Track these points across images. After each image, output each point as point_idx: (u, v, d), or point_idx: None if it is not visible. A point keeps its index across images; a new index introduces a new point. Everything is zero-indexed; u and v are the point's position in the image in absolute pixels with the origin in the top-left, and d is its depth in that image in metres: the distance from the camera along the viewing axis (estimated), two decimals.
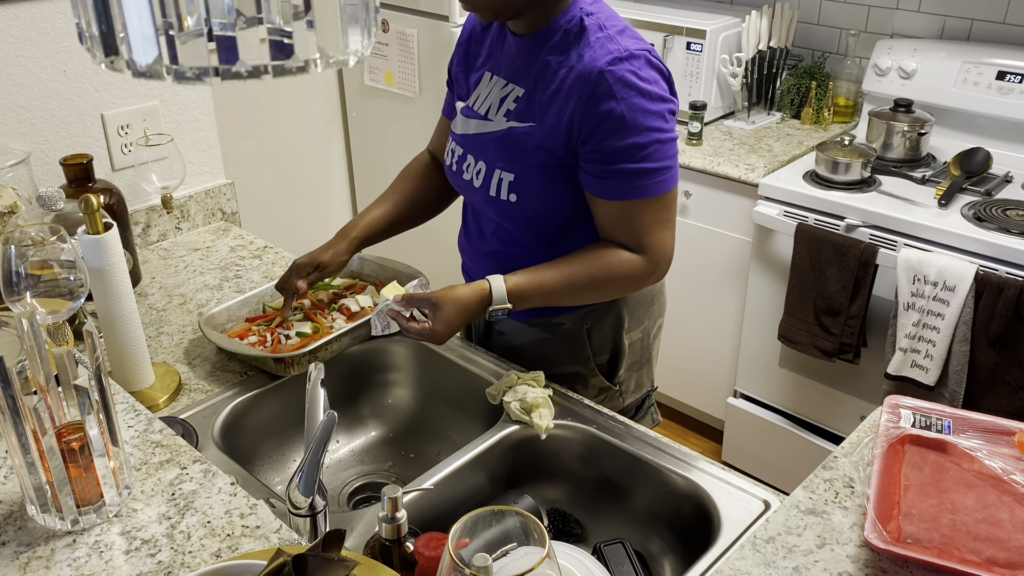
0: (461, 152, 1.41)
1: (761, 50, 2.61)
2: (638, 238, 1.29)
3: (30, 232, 1.09)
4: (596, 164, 1.25)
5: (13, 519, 0.96)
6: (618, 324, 1.44)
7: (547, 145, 1.27)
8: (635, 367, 1.51)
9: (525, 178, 1.31)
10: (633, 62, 1.21)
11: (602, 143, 1.23)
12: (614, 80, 1.20)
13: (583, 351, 1.44)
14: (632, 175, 1.24)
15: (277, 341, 1.42)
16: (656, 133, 1.23)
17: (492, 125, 1.34)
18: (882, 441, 1.06)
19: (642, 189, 1.25)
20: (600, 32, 1.24)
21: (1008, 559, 0.90)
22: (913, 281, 2.02)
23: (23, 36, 1.59)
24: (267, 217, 3.04)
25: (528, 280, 1.31)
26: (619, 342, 1.46)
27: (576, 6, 1.27)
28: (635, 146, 1.22)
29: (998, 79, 2.30)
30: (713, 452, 2.73)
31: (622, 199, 1.27)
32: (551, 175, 1.30)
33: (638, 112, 1.21)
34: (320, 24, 0.58)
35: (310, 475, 0.95)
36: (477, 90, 1.39)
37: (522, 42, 1.31)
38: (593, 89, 1.21)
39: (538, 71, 1.28)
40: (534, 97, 1.28)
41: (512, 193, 1.32)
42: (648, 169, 1.24)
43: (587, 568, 1.06)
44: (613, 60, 1.21)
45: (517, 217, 1.35)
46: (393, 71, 2.82)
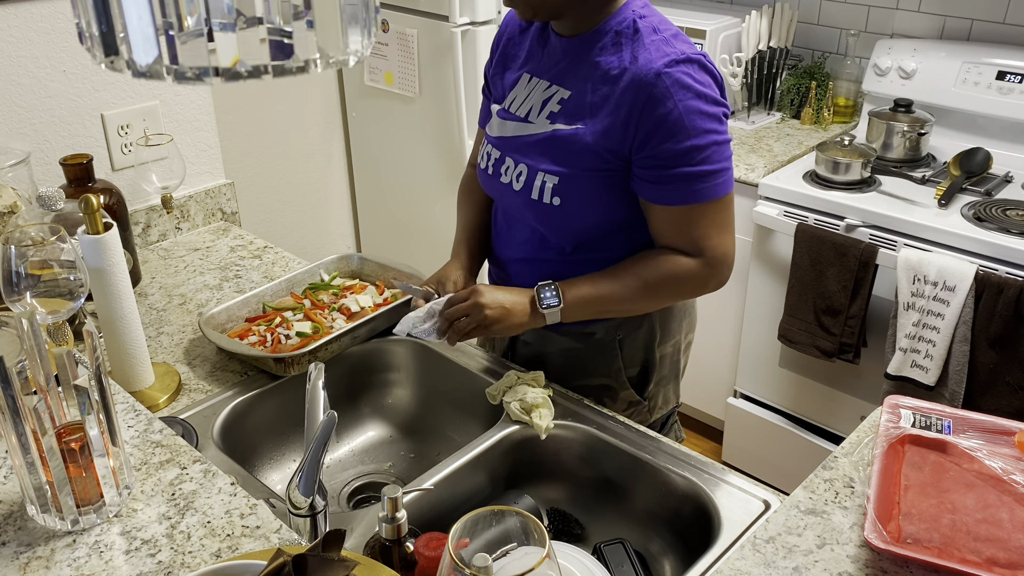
0: (499, 155, 1.37)
1: (761, 50, 2.61)
2: (697, 243, 1.27)
3: (30, 232, 1.09)
4: (653, 169, 1.23)
5: (13, 519, 0.96)
6: (651, 336, 1.42)
7: (596, 148, 1.24)
8: (664, 382, 1.48)
9: (571, 181, 1.28)
10: (689, 65, 1.20)
11: (660, 147, 1.21)
12: (671, 82, 1.18)
13: (615, 363, 1.41)
14: (690, 179, 1.22)
15: (277, 341, 1.42)
16: (713, 135, 1.21)
17: (533, 127, 1.31)
18: (882, 441, 1.06)
19: (701, 193, 1.23)
20: (655, 35, 1.23)
21: (1008, 559, 0.90)
22: (913, 281, 2.02)
23: (23, 36, 1.59)
24: (267, 217, 3.04)
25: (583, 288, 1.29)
26: (651, 355, 1.43)
27: (628, 8, 1.26)
28: (693, 148, 1.21)
29: (998, 79, 2.30)
30: (713, 452, 2.73)
31: (681, 204, 1.24)
32: (597, 179, 1.27)
33: (695, 114, 1.20)
34: (320, 24, 0.58)
35: (310, 475, 0.95)
36: (514, 92, 1.36)
37: (568, 43, 1.29)
38: (650, 91, 1.19)
39: (586, 72, 1.26)
40: (583, 99, 1.26)
41: (556, 196, 1.29)
42: (707, 172, 1.22)
43: (587, 568, 1.06)
44: (670, 63, 1.19)
45: (557, 221, 1.32)
46: (393, 71, 2.82)
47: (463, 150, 2.64)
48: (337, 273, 1.62)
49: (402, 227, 3.06)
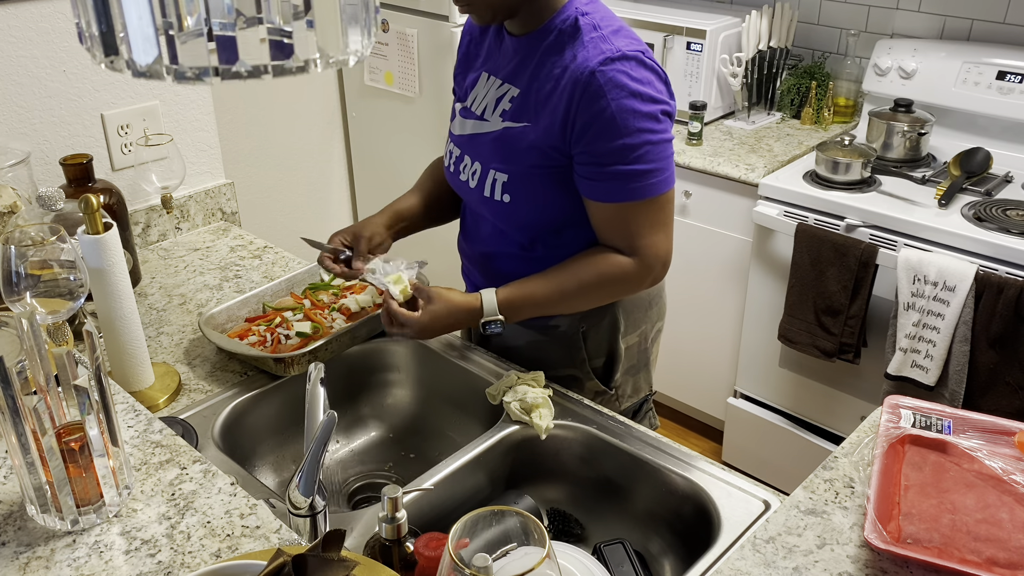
0: (459, 153, 1.41)
1: (761, 50, 2.60)
2: (631, 240, 1.29)
3: (30, 232, 1.09)
4: (588, 166, 1.25)
5: (13, 519, 0.96)
6: (614, 328, 1.44)
7: (541, 145, 1.27)
8: (632, 371, 1.50)
9: (518, 179, 1.31)
10: (625, 63, 1.21)
11: (593, 144, 1.23)
12: (605, 80, 1.20)
13: (578, 354, 1.44)
14: (624, 177, 1.24)
15: (277, 341, 1.42)
16: (647, 134, 1.22)
17: (488, 125, 1.34)
18: (882, 441, 1.06)
19: (634, 191, 1.25)
20: (594, 32, 1.24)
21: (1008, 559, 0.90)
22: (913, 281, 2.02)
23: (23, 36, 1.59)
24: (267, 217, 3.04)
25: (518, 291, 1.32)
26: (615, 346, 1.45)
27: (571, 5, 1.26)
28: (626, 147, 1.22)
29: (998, 79, 2.30)
30: (713, 452, 2.73)
31: (615, 201, 1.26)
32: (544, 176, 1.29)
33: (628, 113, 1.21)
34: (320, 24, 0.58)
35: (310, 475, 0.95)
36: (474, 91, 1.39)
37: (518, 42, 1.31)
38: (584, 89, 1.20)
39: (533, 71, 1.28)
40: (528, 97, 1.28)
41: (505, 193, 1.32)
42: (640, 171, 1.23)
43: (587, 568, 1.06)
44: (605, 60, 1.20)
45: (511, 218, 1.35)
46: (393, 71, 2.82)
47: None
48: None
49: None
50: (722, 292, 2.53)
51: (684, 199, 2.49)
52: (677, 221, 2.52)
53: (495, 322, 1.32)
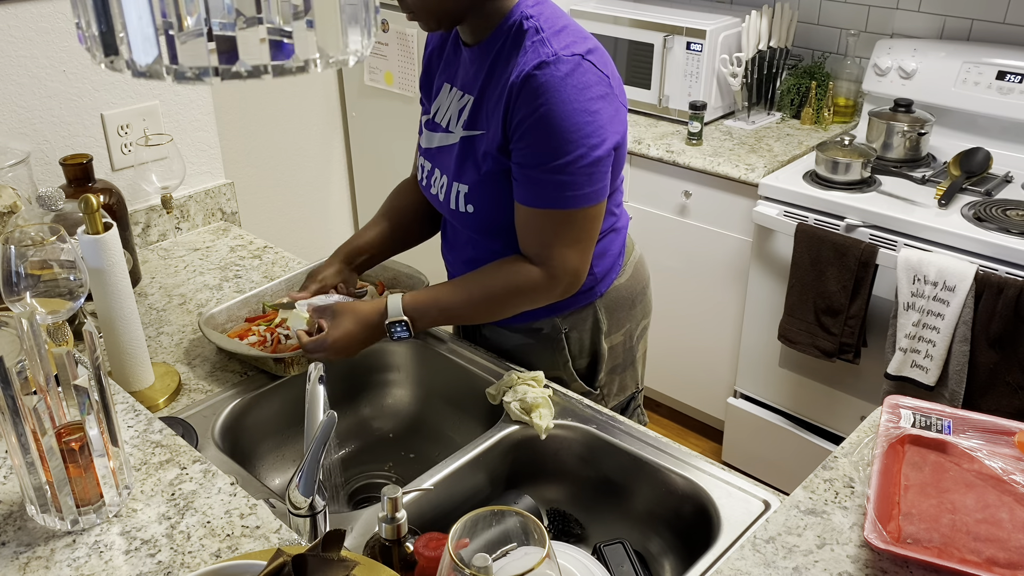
0: (429, 167, 1.40)
1: (761, 50, 2.60)
2: (541, 249, 1.27)
3: (30, 232, 1.09)
4: (516, 166, 1.24)
5: (13, 519, 0.96)
6: (596, 328, 1.43)
7: (492, 151, 1.26)
8: (617, 370, 1.50)
9: (478, 188, 1.30)
10: (560, 66, 1.17)
11: (520, 144, 1.21)
12: (537, 85, 1.17)
13: (562, 355, 1.44)
14: (544, 184, 1.21)
15: (277, 341, 1.42)
16: (574, 147, 1.19)
17: (452, 137, 1.34)
18: (882, 441, 1.06)
19: (552, 199, 1.22)
20: (536, 35, 1.21)
21: (1008, 559, 0.90)
22: (913, 281, 2.02)
23: (23, 36, 1.59)
24: (267, 217, 3.04)
25: (425, 296, 1.32)
26: (598, 346, 1.45)
27: (517, 8, 1.24)
28: (550, 154, 1.19)
29: (998, 79, 2.30)
30: (713, 452, 2.73)
31: (531, 205, 1.24)
32: (501, 182, 1.28)
33: (557, 120, 1.17)
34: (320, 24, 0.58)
35: (310, 475, 0.95)
36: (437, 101, 1.39)
37: (471, 52, 1.30)
38: (519, 92, 1.19)
39: (484, 78, 1.27)
40: (481, 105, 1.28)
41: (469, 204, 1.32)
42: (561, 181, 1.21)
43: (587, 568, 1.06)
44: (540, 64, 1.17)
45: (478, 227, 1.35)
46: (393, 71, 2.82)
47: None
48: None
49: None
50: (722, 292, 2.53)
51: (684, 199, 2.49)
52: (678, 221, 2.52)
53: (400, 323, 1.30)
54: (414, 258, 1.57)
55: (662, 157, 2.47)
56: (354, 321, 1.30)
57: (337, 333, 1.29)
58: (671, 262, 2.59)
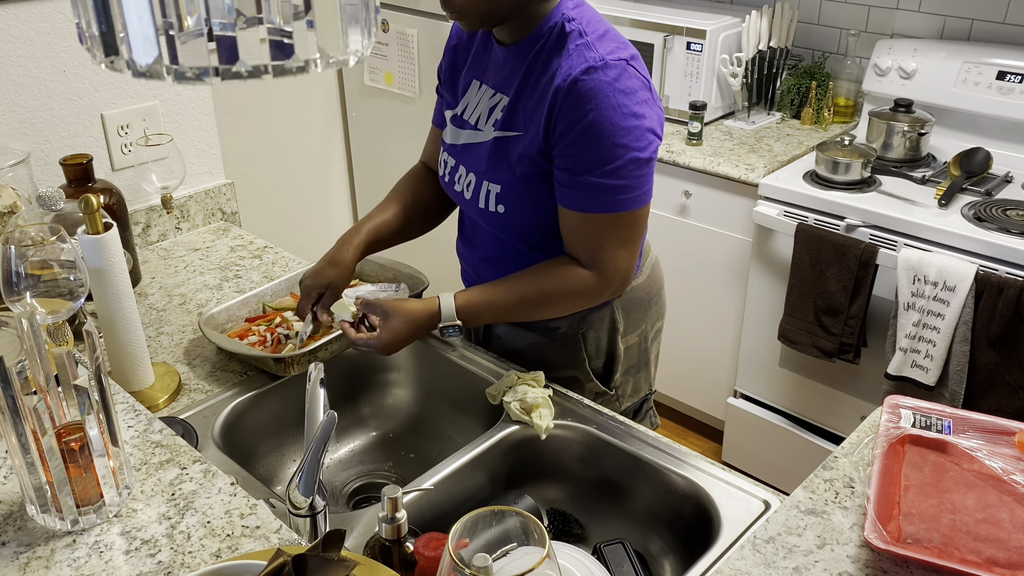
0: (453, 163, 1.40)
1: (761, 50, 2.60)
2: (592, 253, 1.28)
3: (30, 232, 1.09)
4: (562, 171, 1.24)
5: (13, 519, 0.96)
6: (613, 328, 1.43)
7: (530, 153, 1.26)
8: (632, 371, 1.50)
9: (511, 189, 1.30)
10: (608, 72, 1.18)
11: (568, 151, 1.21)
12: (586, 90, 1.17)
13: (578, 355, 1.43)
14: (595, 188, 1.22)
15: (277, 341, 1.42)
16: (622, 150, 1.20)
17: (482, 135, 1.33)
18: (882, 441, 1.06)
19: (604, 204, 1.23)
20: (580, 39, 1.21)
21: (1008, 559, 0.90)
22: (913, 281, 2.02)
23: (23, 36, 1.59)
24: (267, 217, 3.04)
25: (478, 297, 1.32)
26: (614, 346, 1.44)
27: (558, 11, 1.24)
28: (600, 159, 1.20)
29: (998, 79, 2.30)
30: (713, 452, 2.73)
31: (582, 211, 1.25)
32: (536, 184, 1.28)
33: (606, 124, 1.18)
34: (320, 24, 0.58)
35: (310, 475, 0.95)
36: (466, 98, 1.38)
37: (507, 51, 1.29)
38: (565, 97, 1.19)
39: (522, 80, 1.27)
40: (518, 106, 1.27)
41: (500, 204, 1.32)
42: (612, 185, 1.22)
43: (587, 568, 1.06)
44: (587, 69, 1.18)
45: (507, 227, 1.35)
46: (393, 71, 2.82)
47: None
48: None
49: None
50: (722, 292, 2.53)
51: (684, 199, 2.49)
52: (678, 221, 2.52)
53: (453, 327, 1.31)
54: (415, 259, 1.57)
55: (662, 157, 2.47)
56: (405, 322, 1.29)
57: (388, 336, 1.29)
58: (671, 262, 2.59)
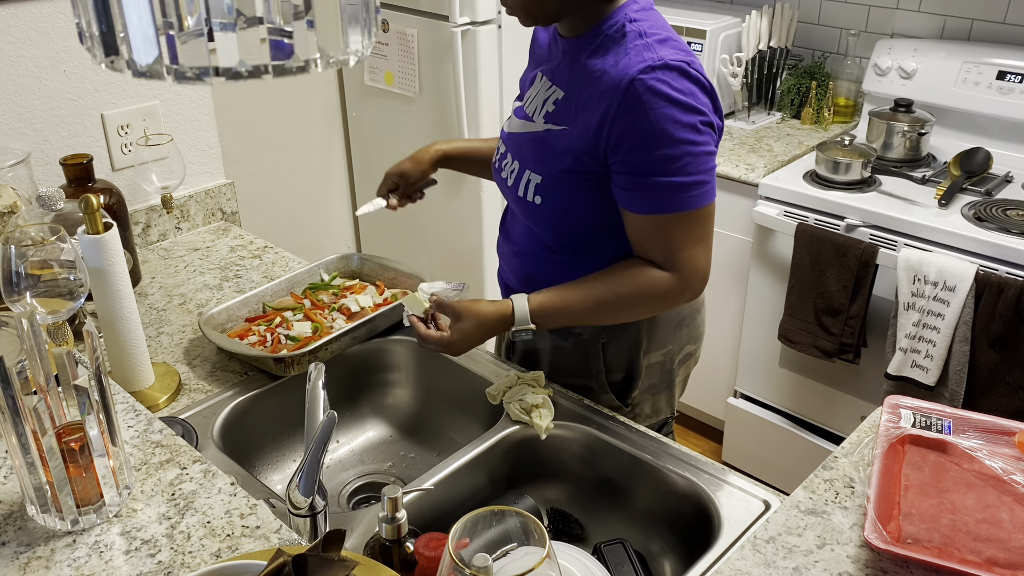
0: (503, 150, 1.40)
1: (761, 50, 2.60)
2: (669, 254, 1.25)
3: (30, 232, 1.09)
4: (626, 176, 1.22)
5: (13, 519, 0.96)
6: (636, 343, 1.40)
7: (575, 149, 1.24)
8: (652, 390, 1.46)
9: (551, 182, 1.29)
10: (667, 72, 1.17)
11: (631, 154, 1.19)
12: (644, 89, 1.16)
13: (596, 364, 1.41)
14: (663, 188, 1.20)
15: (277, 341, 1.42)
16: (687, 145, 1.18)
17: (533, 126, 1.32)
18: (882, 441, 1.06)
19: (674, 203, 1.21)
20: (639, 39, 1.21)
21: (1008, 559, 0.90)
22: (913, 281, 2.02)
23: (23, 36, 1.59)
24: (267, 217, 3.04)
25: (552, 300, 1.29)
26: (635, 362, 1.41)
27: (621, 11, 1.24)
28: (666, 158, 1.18)
29: (998, 79, 2.30)
30: (713, 452, 2.73)
31: (652, 213, 1.23)
32: (577, 181, 1.27)
33: (668, 123, 1.17)
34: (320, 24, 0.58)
35: (310, 475, 0.95)
36: (531, 90, 1.38)
37: (567, 44, 1.29)
38: (623, 97, 1.17)
39: (576, 74, 1.26)
40: (570, 100, 1.26)
41: (537, 195, 1.30)
42: (680, 183, 1.20)
43: (587, 568, 1.06)
44: (645, 68, 1.17)
45: (541, 220, 1.33)
46: (393, 71, 2.82)
47: None
48: (337, 273, 1.62)
49: (402, 227, 3.06)
50: (722, 292, 2.53)
51: None
52: None
53: (526, 331, 1.29)
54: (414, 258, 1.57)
55: None
56: (476, 325, 1.28)
57: (457, 336, 1.28)
58: None
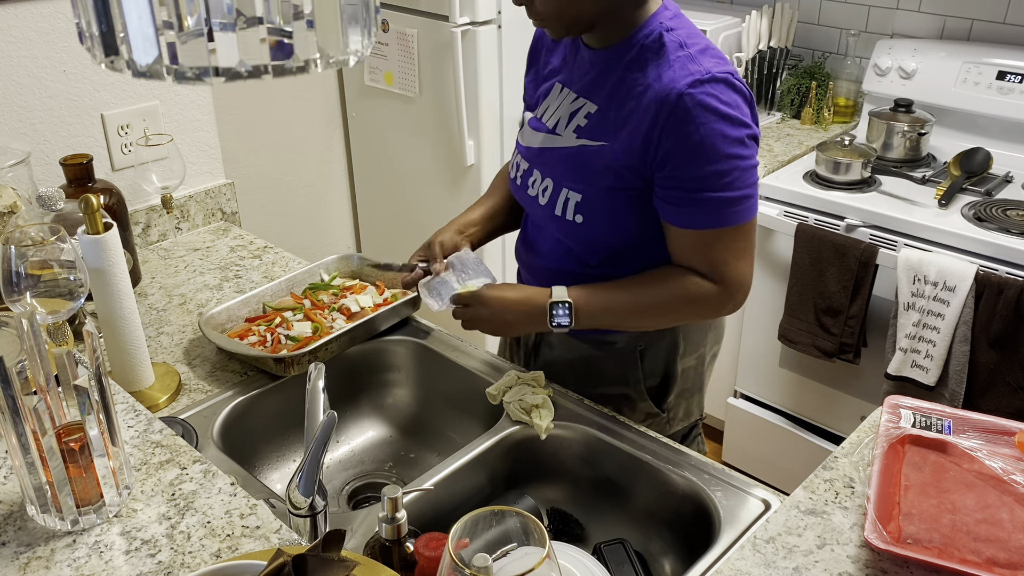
0: (527, 167, 1.35)
1: (761, 50, 2.60)
2: (715, 267, 1.24)
3: (30, 232, 1.09)
4: (673, 191, 1.20)
5: (13, 519, 0.96)
6: (673, 348, 1.39)
7: (618, 166, 1.22)
8: (686, 395, 1.46)
9: (593, 199, 1.26)
10: (715, 85, 1.15)
11: (680, 170, 1.18)
12: (693, 104, 1.14)
13: (634, 373, 1.39)
14: (712, 203, 1.19)
15: (277, 341, 1.42)
16: (736, 160, 1.17)
17: (561, 140, 1.29)
18: (882, 441, 1.06)
19: (721, 218, 1.20)
20: (681, 51, 1.18)
21: (1008, 559, 0.90)
22: (913, 281, 2.02)
23: (23, 36, 1.59)
24: (267, 217, 3.04)
25: (595, 297, 1.27)
26: (672, 367, 1.40)
27: (655, 20, 1.21)
28: (715, 173, 1.17)
29: (998, 79, 2.30)
30: (713, 452, 2.73)
31: (699, 228, 1.22)
32: (619, 198, 1.25)
33: (718, 138, 1.15)
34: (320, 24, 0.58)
35: (310, 475, 0.95)
36: (546, 102, 1.34)
37: (595, 55, 1.25)
38: (671, 112, 1.15)
39: (613, 87, 1.23)
40: (608, 114, 1.23)
41: (578, 214, 1.27)
42: (728, 198, 1.19)
43: (587, 568, 1.06)
44: (694, 83, 1.14)
45: (581, 238, 1.30)
46: (393, 71, 2.82)
47: (463, 150, 2.64)
48: (337, 273, 1.62)
49: (402, 227, 3.06)
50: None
51: None
52: None
53: (563, 304, 1.26)
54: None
55: None
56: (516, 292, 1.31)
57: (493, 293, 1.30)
58: None
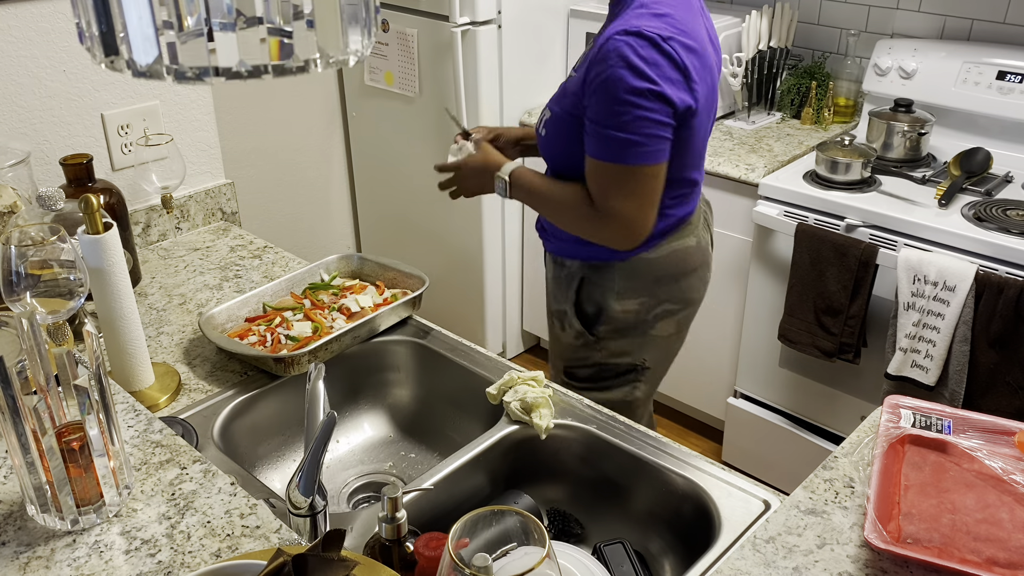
0: None
1: (761, 50, 2.60)
2: (599, 195, 1.42)
3: (30, 232, 1.09)
4: (587, 121, 1.40)
5: (13, 519, 0.96)
6: (608, 285, 1.55)
7: (575, 93, 1.42)
8: (624, 334, 1.60)
9: (559, 118, 1.48)
10: (637, 39, 1.31)
11: (590, 100, 1.37)
12: (612, 48, 1.32)
13: (571, 292, 1.60)
14: (605, 139, 1.37)
15: (277, 341, 1.42)
16: (632, 108, 1.33)
17: None
18: (882, 441, 1.06)
19: (611, 154, 1.38)
20: (640, 9, 1.36)
21: (1008, 559, 0.90)
22: (913, 281, 2.02)
23: (23, 36, 1.59)
24: (267, 217, 3.04)
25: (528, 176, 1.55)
26: (605, 303, 1.57)
27: None
28: (611, 112, 1.34)
29: (998, 79, 2.30)
30: (713, 452, 2.73)
31: (593, 157, 1.41)
32: (573, 124, 1.43)
33: (619, 82, 1.32)
34: (320, 24, 0.58)
35: (310, 475, 0.95)
36: None
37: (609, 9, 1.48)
38: (597, 52, 1.35)
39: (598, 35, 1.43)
40: (586, 56, 1.44)
41: (545, 127, 1.52)
42: (620, 139, 1.35)
43: (587, 568, 1.06)
44: (621, 32, 1.32)
45: (543, 149, 1.54)
46: (393, 71, 2.82)
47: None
48: (337, 273, 1.62)
49: (402, 227, 3.06)
50: (722, 292, 2.53)
51: None
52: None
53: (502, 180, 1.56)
54: (414, 259, 1.57)
55: None
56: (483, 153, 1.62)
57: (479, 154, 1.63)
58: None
